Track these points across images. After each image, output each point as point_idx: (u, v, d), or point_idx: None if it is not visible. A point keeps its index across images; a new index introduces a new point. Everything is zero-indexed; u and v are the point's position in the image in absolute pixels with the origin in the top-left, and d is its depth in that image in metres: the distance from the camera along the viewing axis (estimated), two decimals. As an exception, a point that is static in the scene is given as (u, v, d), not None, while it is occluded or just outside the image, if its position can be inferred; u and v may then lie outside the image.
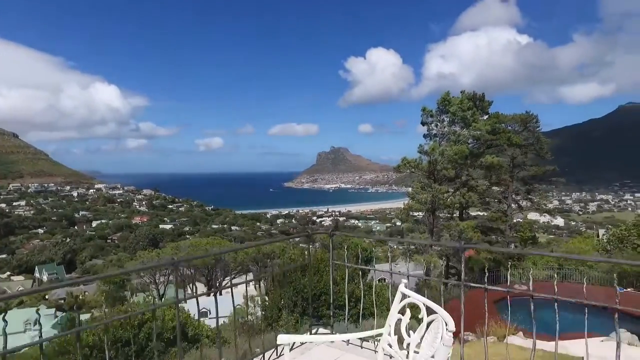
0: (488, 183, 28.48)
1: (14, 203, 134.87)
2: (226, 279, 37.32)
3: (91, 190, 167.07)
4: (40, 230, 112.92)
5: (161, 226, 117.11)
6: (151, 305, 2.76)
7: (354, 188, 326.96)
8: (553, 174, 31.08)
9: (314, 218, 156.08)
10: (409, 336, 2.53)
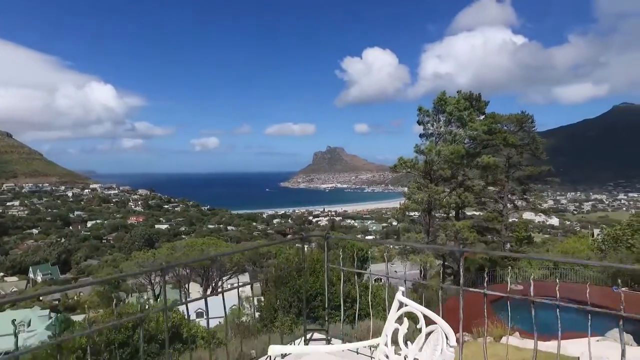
0: (484, 183, 28.56)
1: (8, 203, 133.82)
2: (222, 279, 37.26)
3: (86, 190, 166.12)
4: (34, 230, 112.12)
5: (157, 226, 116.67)
6: (139, 313, 2.68)
7: (350, 188, 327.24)
8: (548, 174, 31.22)
9: (310, 218, 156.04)
10: (407, 347, 2.41)
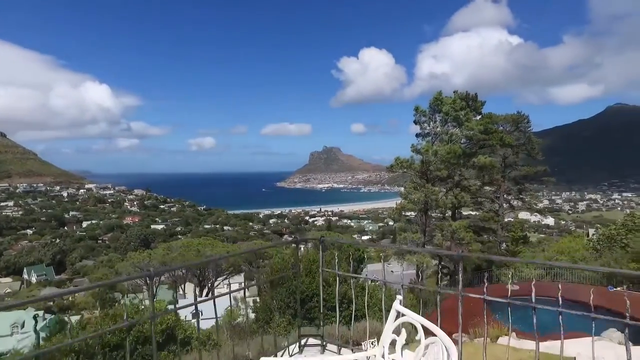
0: (480, 183, 28.62)
1: (2, 203, 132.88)
2: (218, 280, 37.11)
3: (81, 190, 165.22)
4: (29, 231, 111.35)
5: (153, 226, 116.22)
6: (124, 321, 2.63)
7: (347, 188, 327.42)
8: (544, 174, 31.36)
9: (307, 218, 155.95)
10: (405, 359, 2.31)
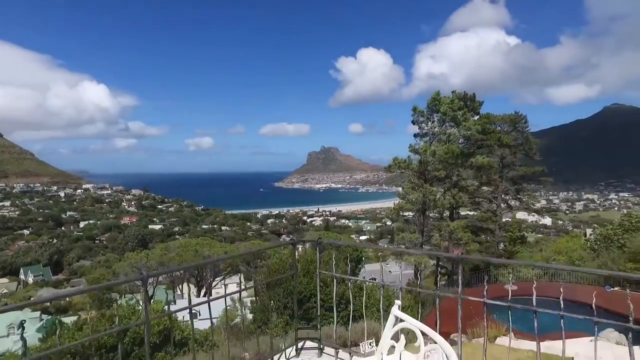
0: (478, 183, 28.65)
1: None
2: (216, 280, 37.04)
3: (79, 190, 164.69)
4: (25, 231, 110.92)
5: (150, 226, 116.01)
6: (116, 326, 2.59)
7: (345, 188, 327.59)
8: (541, 174, 31.39)
9: (305, 218, 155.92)
10: None
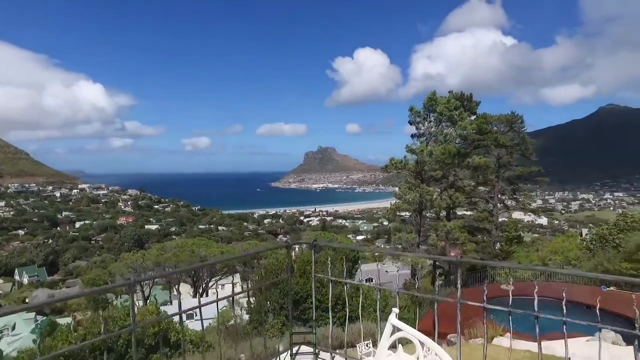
0: (475, 183, 28.69)
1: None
2: (212, 280, 36.93)
3: (74, 190, 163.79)
4: (20, 231, 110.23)
5: (147, 227, 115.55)
6: (103, 334, 2.54)
7: (341, 188, 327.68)
8: (537, 174, 31.48)
9: (301, 218, 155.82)
10: None
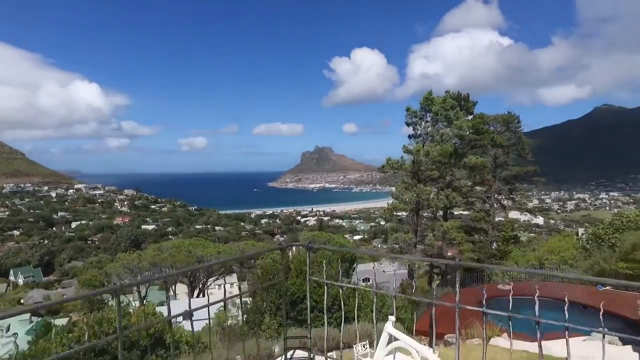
0: (471, 183, 28.73)
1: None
2: (209, 280, 36.83)
3: (70, 190, 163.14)
4: (15, 232, 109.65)
5: (143, 227, 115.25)
6: (87, 341, 2.49)
7: (338, 188, 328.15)
8: (534, 174, 31.58)
9: (298, 218, 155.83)
10: None
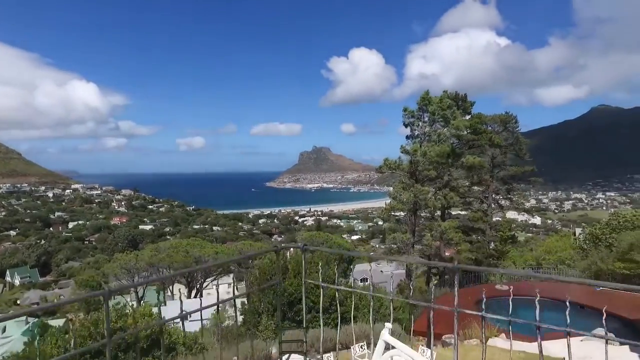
0: (469, 183, 28.76)
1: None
2: (207, 281, 36.72)
3: (68, 190, 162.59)
4: (12, 232, 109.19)
5: (141, 227, 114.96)
6: (73, 349, 2.46)
7: (336, 188, 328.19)
8: (531, 174, 31.62)
9: (296, 218, 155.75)
10: None
